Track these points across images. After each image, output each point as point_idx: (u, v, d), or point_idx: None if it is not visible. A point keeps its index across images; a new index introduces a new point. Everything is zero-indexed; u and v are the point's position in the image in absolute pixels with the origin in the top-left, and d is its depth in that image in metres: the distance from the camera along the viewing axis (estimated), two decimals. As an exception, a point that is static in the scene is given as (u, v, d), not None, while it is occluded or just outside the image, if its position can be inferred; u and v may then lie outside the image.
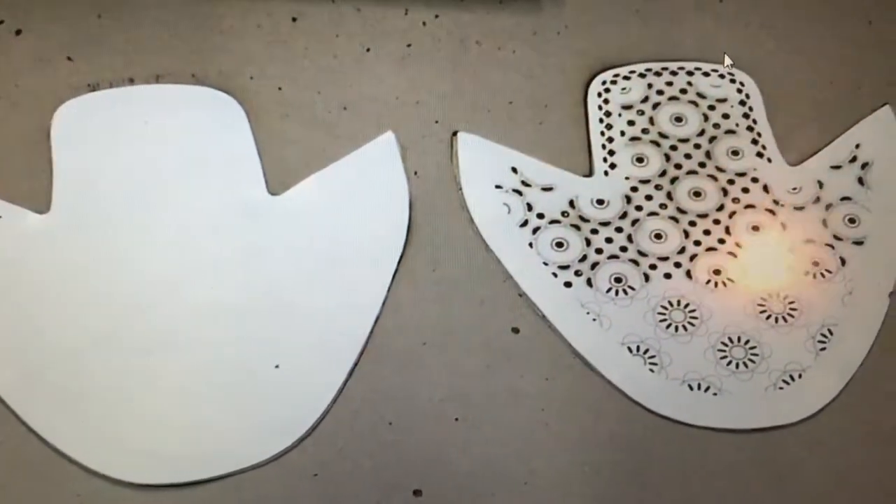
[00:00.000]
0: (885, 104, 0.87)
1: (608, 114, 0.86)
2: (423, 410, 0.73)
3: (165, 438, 0.72)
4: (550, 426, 0.73)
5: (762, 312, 0.77)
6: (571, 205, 0.82)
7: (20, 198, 0.80)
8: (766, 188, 0.83)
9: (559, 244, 0.80)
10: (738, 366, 0.75)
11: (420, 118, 0.85)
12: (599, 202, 0.82)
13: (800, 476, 0.72)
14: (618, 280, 0.79)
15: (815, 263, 0.79)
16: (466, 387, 0.74)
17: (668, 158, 0.84)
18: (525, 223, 0.81)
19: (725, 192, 0.83)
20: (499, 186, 0.82)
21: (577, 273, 0.79)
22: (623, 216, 0.81)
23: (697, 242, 0.80)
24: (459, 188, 0.82)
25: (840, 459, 0.72)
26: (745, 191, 0.83)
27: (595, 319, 0.77)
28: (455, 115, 0.86)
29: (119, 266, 0.77)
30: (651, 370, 0.75)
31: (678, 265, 0.79)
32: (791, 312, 0.77)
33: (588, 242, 0.80)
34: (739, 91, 0.87)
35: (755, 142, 0.85)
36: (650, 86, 0.87)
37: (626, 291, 0.78)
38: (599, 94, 0.87)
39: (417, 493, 0.71)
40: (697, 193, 0.83)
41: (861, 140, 0.85)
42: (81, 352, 0.74)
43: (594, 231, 0.81)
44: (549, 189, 0.82)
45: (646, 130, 0.85)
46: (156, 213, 0.79)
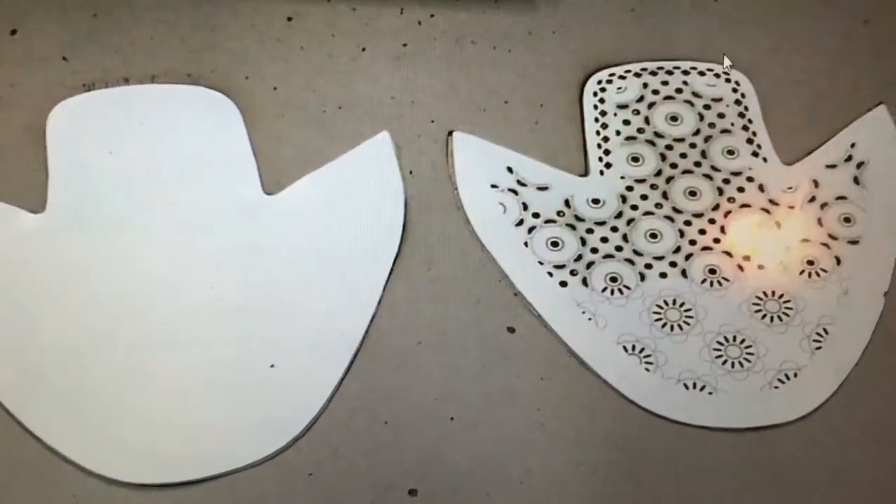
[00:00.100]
0: (881, 103, 0.87)
1: (603, 113, 0.86)
2: (419, 410, 0.73)
3: (161, 438, 0.71)
4: (546, 425, 0.73)
5: (757, 311, 0.77)
6: (567, 204, 0.82)
7: (15, 197, 0.80)
8: (762, 187, 0.83)
9: (555, 243, 0.80)
10: (734, 365, 0.75)
11: (415, 117, 0.85)
12: (595, 202, 0.82)
13: (795, 475, 0.72)
14: (613, 279, 0.79)
15: (811, 262, 0.79)
16: (462, 386, 0.74)
17: (664, 158, 0.84)
18: (520, 222, 0.81)
19: (721, 192, 0.83)
20: (494, 186, 0.82)
21: (573, 272, 0.79)
22: (618, 215, 0.81)
23: (693, 242, 0.80)
24: (455, 188, 0.82)
25: (835, 458, 0.72)
26: (741, 190, 0.83)
27: (590, 319, 0.77)
28: (450, 115, 0.86)
29: (113, 266, 0.77)
30: (647, 369, 0.75)
31: (673, 264, 0.79)
32: (786, 311, 0.77)
33: (583, 242, 0.80)
34: (735, 90, 0.87)
35: (750, 141, 0.85)
36: (645, 85, 0.87)
37: (622, 291, 0.78)
38: (595, 94, 0.87)
39: (413, 493, 0.71)
40: (693, 193, 0.83)
41: (857, 139, 0.85)
42: (77, 352, 0.74)
43: (590, 230, 0.81)
44: (545, 188, 0.82)
45: (641, 130, 0.85)
46: (151, 213, 0.79)
